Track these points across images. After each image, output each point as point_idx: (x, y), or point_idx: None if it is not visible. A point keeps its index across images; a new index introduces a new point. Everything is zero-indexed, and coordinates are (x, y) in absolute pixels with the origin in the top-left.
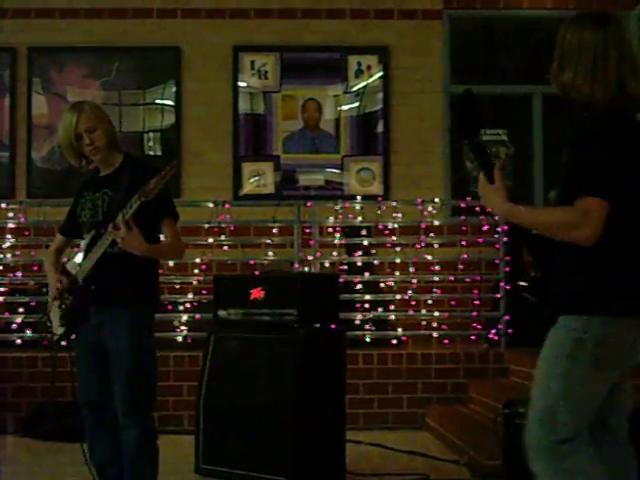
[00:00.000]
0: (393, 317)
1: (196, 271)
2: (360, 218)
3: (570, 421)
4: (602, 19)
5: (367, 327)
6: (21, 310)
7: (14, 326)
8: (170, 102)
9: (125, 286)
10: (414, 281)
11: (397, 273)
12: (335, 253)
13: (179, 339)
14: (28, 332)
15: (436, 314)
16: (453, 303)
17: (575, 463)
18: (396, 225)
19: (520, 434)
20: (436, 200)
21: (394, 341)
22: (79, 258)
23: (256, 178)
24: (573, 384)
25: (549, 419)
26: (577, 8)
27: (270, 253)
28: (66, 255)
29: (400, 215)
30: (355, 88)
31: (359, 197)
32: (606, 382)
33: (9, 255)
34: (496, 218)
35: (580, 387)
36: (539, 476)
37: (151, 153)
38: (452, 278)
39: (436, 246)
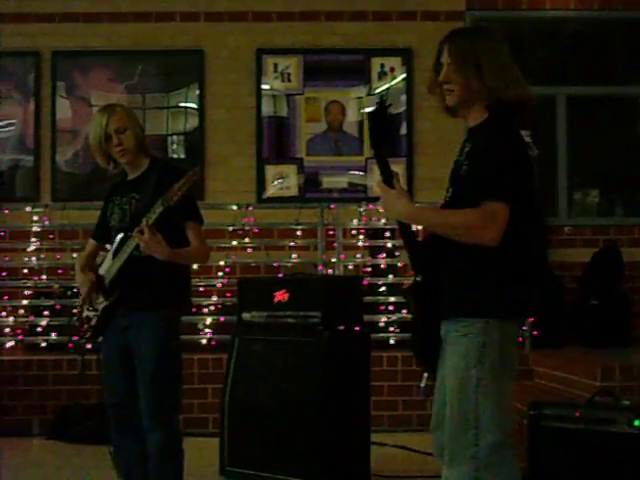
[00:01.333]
0: None
1: (220, 274)
2: (384, 220)
3: (494, 426)
4: (473, 31)
5: (391, 329)
6: (46, 313)
7: (39, 329)
8: (194, 105)
9: (151, 289)
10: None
11: None
12: (359, 255)
13: (203, 341)
14: (53, 335)
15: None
16: None
17: (500, 472)
18: (420, 227)
19: (546, 436)
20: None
21: None
22: (107, 263)
23: (279, 180)
24: (492, 388)
25: (472, 427)
26: (601, 9)
27: (294, 255)
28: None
29: None
30: (378, 90)
31: None
32: (512, 382)
33: (34, 258)
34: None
35: (498, 388)
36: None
37: (175, 156)
38: None
39: None
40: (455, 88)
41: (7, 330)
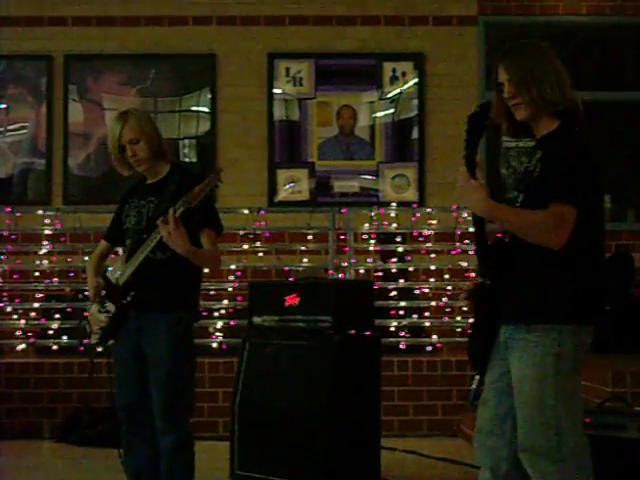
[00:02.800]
0: (428, 324)
1: (231, 277)
2: (395, 225)
3: (574, 429)
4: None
5: (402, 334)
6: (57, 316)
7: (50, 332)
8: (205, 109)
9: (165, 292)
10: (449, 288)
11: (432, 280)
12: (370, 260)
13: (214, 345)
14: (64, 338)
15: (471, 321)
16: None
17: (583, 470)
18: (431, 232)
19: None
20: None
21: (429, 348)
22: (119, 266)
23: (291, 185)
24: (568, 394)
25: (554, 433)
26: (613, 14)
27: (305, 260)
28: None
29: (435, 222)
30: (390, 95)
31: (394, 204)
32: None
33: (45, 261)
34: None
35: (572, 394)
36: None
37: (187, 160)
38: None
39: (471, 253)
40: (522, 102)
41: (18, 333)
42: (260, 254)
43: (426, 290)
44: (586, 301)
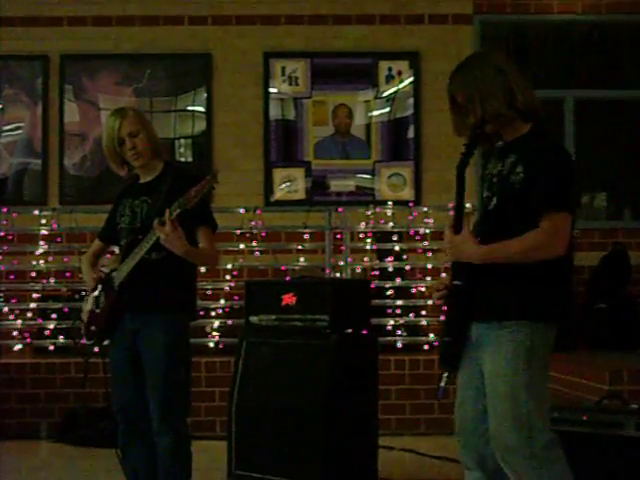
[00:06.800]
0: (425, 322)
1: (228, 277)
2: (391, 224)
3: (543, 425)
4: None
5: (399, 333)
6: (54, 316)
7: (47, 332)
8: (201, 108)
9: (161, 292)
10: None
11: (429, 278)
12: (366, 259)
13: (211, 345)
14: (61, 338)
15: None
16: None
17: (556, 463)
18: (427, 230)
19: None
20: (467, 205)
21: (426, 347)
22: (114, 267)
23: (287, 184)
24: (538, 390)
25: (525, 429)
26: (608, 12)
27: (301, 259)
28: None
29: (431, 220)
30: (386, 93)
31: (390, 202)
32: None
33: (42, 261)
34: None
35: (542, 390)
36: (522, 475)
37: (182, 160)
38: None
39: None
40: (475, 119)
41: (15, 333)
42: (257, 253)
43: (423, 289)
44: (556, 300)
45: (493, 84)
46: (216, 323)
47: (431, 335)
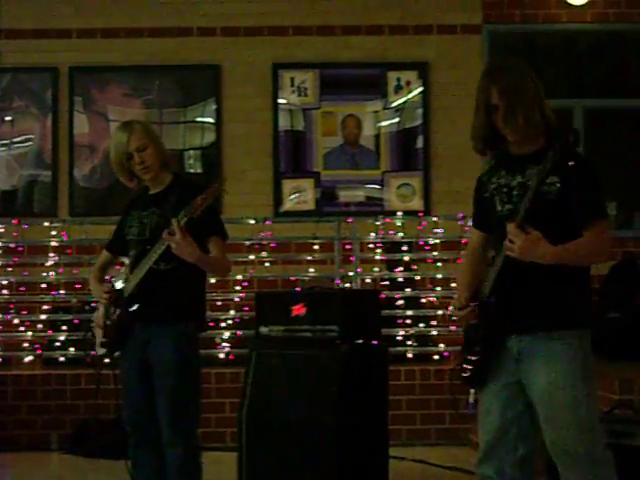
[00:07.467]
0: (435, 333)
1: (237, 288)
2: (401, 234)
3: (601, 431)
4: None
5: (409, 343)
6: (64, 328)
7: (57, 344)
8: (210, 120)
9: (171, 303)
10: (455, 297)
11: (438, 289)
12: (376, 269)
13: (221, 356)
14: (71, 350)
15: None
16: None
17: (611, 464)
18: (437, 240)
19: None
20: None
21: (436, 357)
22: (123, 278)
23: (296, 195)
24: (595, 396)
25: (590, 436)
26: (617, 22)
27: (311, 269)
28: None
29: (441, 230)
30: (395, 104)
31: (400, 213)
32: None
33: (52, 273)
34: None
35: (596, 395)
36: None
37: (192, 171)
38: None
39: None
40: (513, 128)
41: (26, 344)
42: (266, 264)
43: (432, 299)
44: (590, 307)
45: (535, 97)
46: (226, 334)
47: (441, 345)
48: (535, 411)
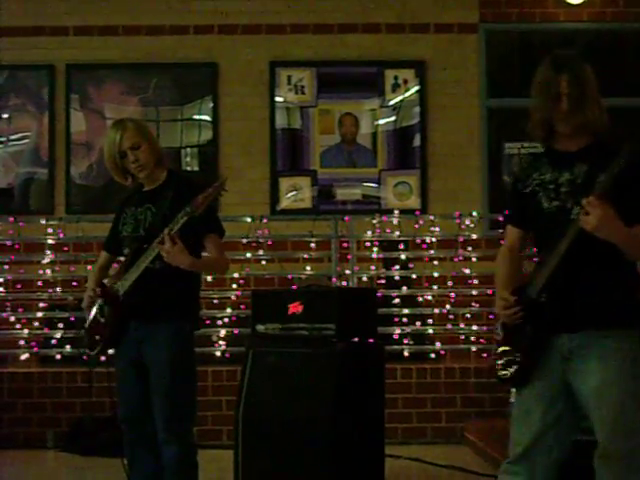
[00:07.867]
0: (431, 331)
1: (234, 286)
2: (398, 232)
3: None
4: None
5: (405, 341)
6: (60, 326)
7: (53, 342)
8: (207, 118)
9: (166, 302)
10: (452, 295)
11: (435, 287)
12: (373, 267)
13: (217, 354)
14: (67, 348)
15: (474, 328)
16: (491, 317)
17: None
18: (434, 239)
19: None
20: (474, 214)
21: (432, 355)
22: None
23: (293, 193)
24: None
25: (634, 438)
26: (614, 21)
27: (308, 267)
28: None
29: (438, 229)
30: (392, 102)
31: (396, 211)
32: None
33: (48, 271)
34: None
35: None
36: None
37: (189, 169)
38: (490, 292)
39: (474, 260)
40: (576, 121)
41: (22, 342)
42: (263, 262)
43: (429, 297)
44: (639, 307)
45: (597, 91)
46: (222, 332)
47: (438, 344)
48: (574, 415)
